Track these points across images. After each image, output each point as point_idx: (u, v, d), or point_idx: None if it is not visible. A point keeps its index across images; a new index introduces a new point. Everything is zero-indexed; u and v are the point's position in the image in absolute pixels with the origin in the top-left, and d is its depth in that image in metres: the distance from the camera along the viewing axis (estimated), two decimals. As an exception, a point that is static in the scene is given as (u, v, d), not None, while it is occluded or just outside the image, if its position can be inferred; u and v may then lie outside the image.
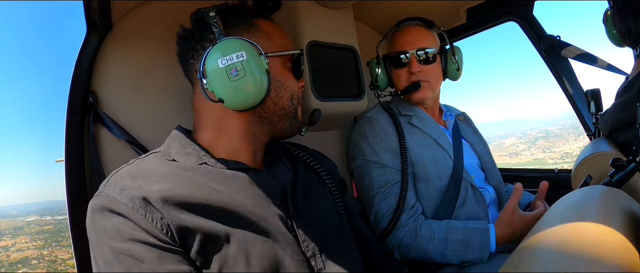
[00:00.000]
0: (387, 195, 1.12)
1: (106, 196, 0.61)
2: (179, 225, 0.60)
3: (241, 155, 0.76)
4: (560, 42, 1.44)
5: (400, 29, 1.25)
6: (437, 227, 1.06)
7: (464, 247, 1.02)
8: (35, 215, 39.95)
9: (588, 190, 0.51)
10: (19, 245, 35.50)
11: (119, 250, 0.58)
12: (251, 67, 0.68)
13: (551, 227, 0.44)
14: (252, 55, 0.69)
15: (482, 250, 1.01)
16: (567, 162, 43.31)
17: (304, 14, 1.10)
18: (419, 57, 1.18)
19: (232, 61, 0.68)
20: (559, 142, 47.54)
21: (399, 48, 1.20)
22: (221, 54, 0.68)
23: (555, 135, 48.69)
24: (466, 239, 1.03)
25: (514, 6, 1.46)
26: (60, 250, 32.79)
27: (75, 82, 0.86)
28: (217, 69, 0.69)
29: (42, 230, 35.91)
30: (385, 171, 1.14)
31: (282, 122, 0.78)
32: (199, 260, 0.61)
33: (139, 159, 0.70)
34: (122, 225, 0.59)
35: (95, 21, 0.86)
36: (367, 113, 1.25)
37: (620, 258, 0.36)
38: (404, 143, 1.14)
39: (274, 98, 0.75)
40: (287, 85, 0.78)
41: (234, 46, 0.69)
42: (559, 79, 1.49)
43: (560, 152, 45.27)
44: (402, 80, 1.21)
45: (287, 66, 0.79)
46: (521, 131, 57.92)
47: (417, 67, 1.18)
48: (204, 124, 0.77)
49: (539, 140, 49.03)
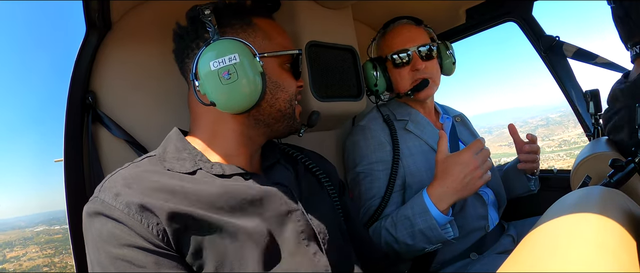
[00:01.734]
0: (370, 208, 1.10)
1: (101, 201, 0.60)
2: (173, 230, 0.60)
3: (237, 159, 0.75)
4: (559, 42, 1.44)
5: (392, 28, 1.23)
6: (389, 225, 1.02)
7: (410, 224, 0.97)
8: (43, 225, 40.02)
9: (587, 191, 0.51)
10: (30, 255, 35.72)
11: (115, 255, 0.57)
12: (244, 70, 0.67)
13: (550, 228, 0.44)
14: (245, 58, 0.67)
15: (425, 215, 0.94)
16: (565, 149, 43.52)
17: (303, 14, 1.10)
18: (421, 53, 1.17)
19: (225, 64, 0.67)
20: (558, 130, 47.69)
21: (398, 47, 1.18)
22: (213, 56, 0.67)
23: (556, 122, 48.84)
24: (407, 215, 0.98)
25: (513, 6, 1.46)
26: (70, 257, 33.03)
27: (75, 82, 0.86)
28: (209, 71, 0.67)
29: (52, 239, 35.99)
30: (375, 184, 1.12)
31: (278, 124, 0.77)
32: (195, 265, 0.61)
33: (133, 163, 0.69)
34: (118, 230, 0.58)
35: (94, 21, 0.86)
36: (361, 121, 1.23)
37: (620, 259, 0.36)
38: (397, 156, 1.11)
39: (269, 100, 0.74)
40: (284, 87, 0.76)
41: (227, 48, 0.67)
42: (558, 80, 1.49)
43: (559, 140, 45.45)
44: (405, 79, 1.19)
45: (286, 67, 0.78)
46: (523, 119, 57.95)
47: (421, 64, 1.17)
48: (199, 127, 0.76)
49: (539, 128, 49.15)
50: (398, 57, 1.18)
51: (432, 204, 0.95)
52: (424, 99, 1.21)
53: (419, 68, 1.16)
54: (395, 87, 1.24)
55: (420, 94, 1.18)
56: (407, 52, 1.17)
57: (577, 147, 43.51)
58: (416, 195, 1.00)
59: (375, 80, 1.22)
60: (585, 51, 1.42)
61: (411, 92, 1.18)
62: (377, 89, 1.23)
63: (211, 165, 0.70)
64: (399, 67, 1.20)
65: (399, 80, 1.21)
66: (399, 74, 1.20)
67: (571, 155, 41.83)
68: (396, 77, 1.21)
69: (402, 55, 1.18)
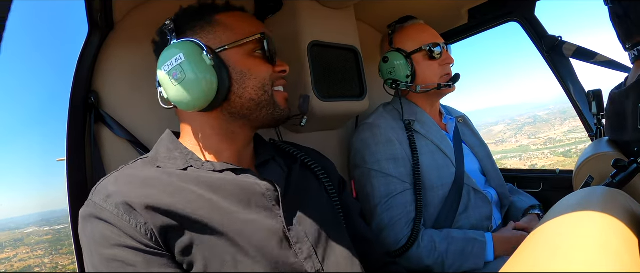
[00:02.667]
0: (390, 207, 1.09)
1: (93, 204, 0.62)
2: (161, 229, 0.60)
3: (225, 155, 0.75)
4: (562, 42, 1.44)
5: (412, 24, 1.24)
6: (438, 238, 1.05)
7: (462, 257, 1.03)
8: (34, 227, 41.12)
9: (589, 191, 0.51)
10: (21, 256, 36.88)
11: (107, 256, 0.59)
12: (190, 67, 0.67)
13: (552, 228, 0.44)
14: (190, 56, 0.67)
15: (478, 259, 1.02)
16: (549, 147, 43.47)
17: (306, 14, 1.10)
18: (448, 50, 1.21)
19: (172, 65, 0.68)
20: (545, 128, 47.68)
21: (431, 40, 1.19)
22: (164, 60, 0.70)
23: (543, 120, 48.80)
24: (464, 249, 1.03)
25: (515, 6, 1.45)
26: (60, 258, 34.21)
27: (77, 82, 0.87)
28: (163, 75, 0.70)
29: (42, 240, 37.17)
30: (387, 181, 1.11)
31: (256, 113, 0.74)
32: (185, 263, 0.62)
33: (126, 166, 0.70)
34: (109, 231, 0.59)
35: (97, 21, 0.87)
36: (368, 119, 1.22)
37: (622, 259, 0.36)
38: (416, 154, 1.11)
39: (237, 91, 0.72)
40: (253, 74, 0.73)
41: (173, 50, 0.69)
42: (560, 80, 1.48)
43: (545, 138, 45.47)
44: (435, 73, 1.19)
45: (256, 54, 0.75)
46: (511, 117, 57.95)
47: (452, 59, 1.20)
48: (184, 129, 0.78)
49: (526, 126, 49.19)
50: (435, 49, 1.19)
51: (492, 252, 1.04)
52: (447, 94, 1.23)
53: (451, 62, 1.20)
54: (422, 80, 1.20)
55: (451, 88, 1.20)
56: (442, 46, 1.19)
57: (561, 145, 43.31)
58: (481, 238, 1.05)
59: (408, 71, 1.18)
60: (585, 50, 1.41)
61: (450, 82, 1.19)
62: (408, 79, 1.19)
63: (202, 163, 0.71)
64: (434, 59, 1.19)
65: (429, 72, 1.20)
66: (431, 67, 1.19)
67: (555, 153, 41.58)
68: (427, 69, 1.20)
69: (438, 49, 1.19)
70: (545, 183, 1.50)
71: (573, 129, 44.89)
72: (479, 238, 1.04)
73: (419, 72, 1.20)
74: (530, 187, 1.52)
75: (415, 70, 1.19)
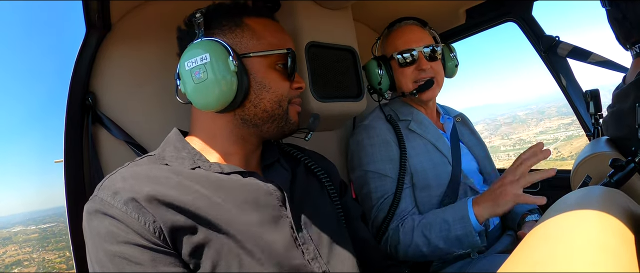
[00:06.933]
0: (383, 206, 1.10)
1: (100, 199, 0.61)
2: (170, 227, 0.60)
3: (233, 158, 0.75)
4: (559, 42, 1.44)
5: (398, 28, 1.23)
6: (417, 217, 1.06)
7: (446, 225, 0.99)
8: (20, 226, 42.31)
9: (587, 191, 0.51)
10: (10, 253, 38.31)
11: (112, 253, 0.58)
12: (214, 69, 0.67)
13: (550, 228, 0.44)
14: (217, 58, 0.68)
15: (464, 222, 0.97)
16: (517, 149, 43.13)
17: (303, 15, 1.10)
18: (425, 54, 1.18)
19: (197, 63, 0.69)
20: (520, 128, 47.50)
21: (404, 46, 1.18)
22: (189, 56, 0.69)
23: (521, 120, 48.63)
24: (446, 218, 1.00)
25: (513, 7, 1.46)
26: (47, 254, 35.74)
27: (74, 83, 0.86)
28: (185, 70, 0.70)
29: (29, 238, 38.64)
30: (384, 181, 1.11)
31: (267, 125, 0.75)
32: (192, 263, 0.62)
33: (132, 163, 0.70)
34: (116, 228, 0.59)
35: (94, 21, 0.86)
36: (364, 121, 1.22)
37: (620, 259, 0.36)
38: (404, 153, 1.12)
39: (254, 100, 0.73)
40: (271, 87, 0.74)
41: (200, 48, 0.69)
42: (558, 80, 1.49)
43: (516, 139, 45.24)
44: (409, 79, 1.19)
45: (278, 67, 0.75)
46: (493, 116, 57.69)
47: (427, 64, 1.17)
48: (196, 127, 0.77)
49: (502, 127, 49.01)
50: (402, 56, 1.18)
51: (472, 213, 0.97)
52: (428, 99, 1.21)
53: (424, 68, 1.17)
54: (399, 87, 1.23)
55: (425, 94, 1.18)
56: (412, 52, 1.18)
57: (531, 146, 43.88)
58: (460, 202, 1.02)
59: (379, 79, 1.21)
60: (581, 49, 1.41)
61: (416, 92, 1.18)
62: (381, 87, 1.23)
63: (209, 164, 0.71)
64: (403, 67, 1.19)
65: (403, 79, 1.21)
66: (403, 74, 1.20)
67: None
68: (400, 76, 1.21)
69: (407, 55, 1.18)
70: (543, 183, 1.50)
71: (545, 130, 44.62)
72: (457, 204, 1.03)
73: (395, 78, 1.23)
74: (529, 186, 1.52)
75: (394, 77, 1.23)
